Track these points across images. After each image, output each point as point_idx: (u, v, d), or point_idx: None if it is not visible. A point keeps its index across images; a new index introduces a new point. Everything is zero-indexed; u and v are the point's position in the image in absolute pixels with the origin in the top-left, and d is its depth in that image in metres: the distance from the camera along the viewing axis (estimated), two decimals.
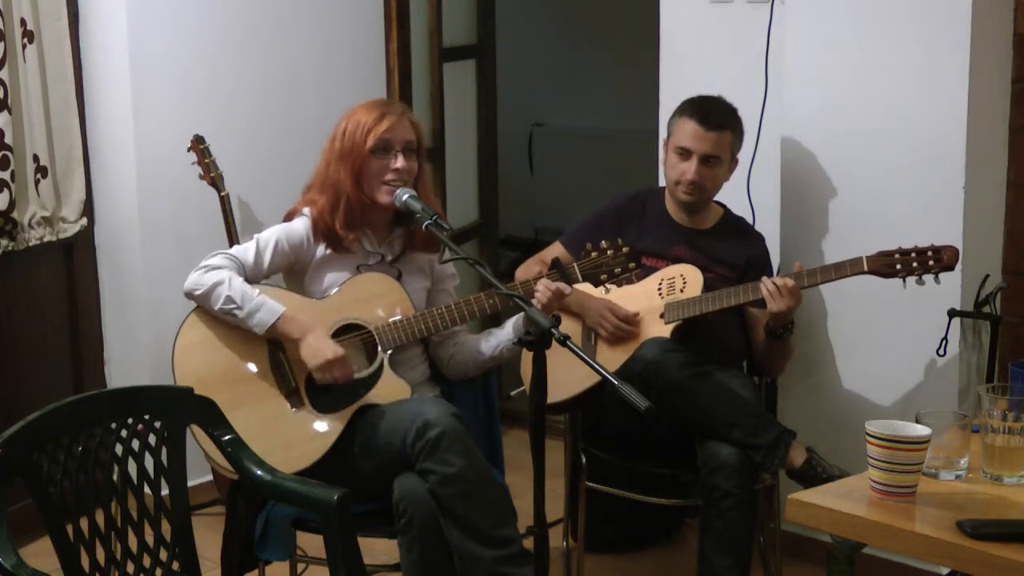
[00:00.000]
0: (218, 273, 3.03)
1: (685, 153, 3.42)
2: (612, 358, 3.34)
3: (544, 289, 3.06)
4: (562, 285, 3.07)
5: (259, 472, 2.70)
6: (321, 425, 3.01)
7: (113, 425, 2.54)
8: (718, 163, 3.43)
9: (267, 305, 3.01)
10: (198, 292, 3.03)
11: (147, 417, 2.60)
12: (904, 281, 3.19)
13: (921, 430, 2.28)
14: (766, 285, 3.22)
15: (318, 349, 2.99)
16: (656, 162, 3.67)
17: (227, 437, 2.71)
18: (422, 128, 3.20)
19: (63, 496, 2.42)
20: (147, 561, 2.57)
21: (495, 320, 3.56)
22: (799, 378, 3.73)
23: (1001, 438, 2.34)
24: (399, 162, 3.09)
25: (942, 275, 3.15)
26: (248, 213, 4.36)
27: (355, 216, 3.12)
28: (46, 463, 2.40)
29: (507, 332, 3.18)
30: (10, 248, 3.92)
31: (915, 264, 3.16)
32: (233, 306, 3.00)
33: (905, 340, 3.52)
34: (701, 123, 3.40)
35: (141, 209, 4.17)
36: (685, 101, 3.49)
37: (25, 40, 3.89)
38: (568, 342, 2.39)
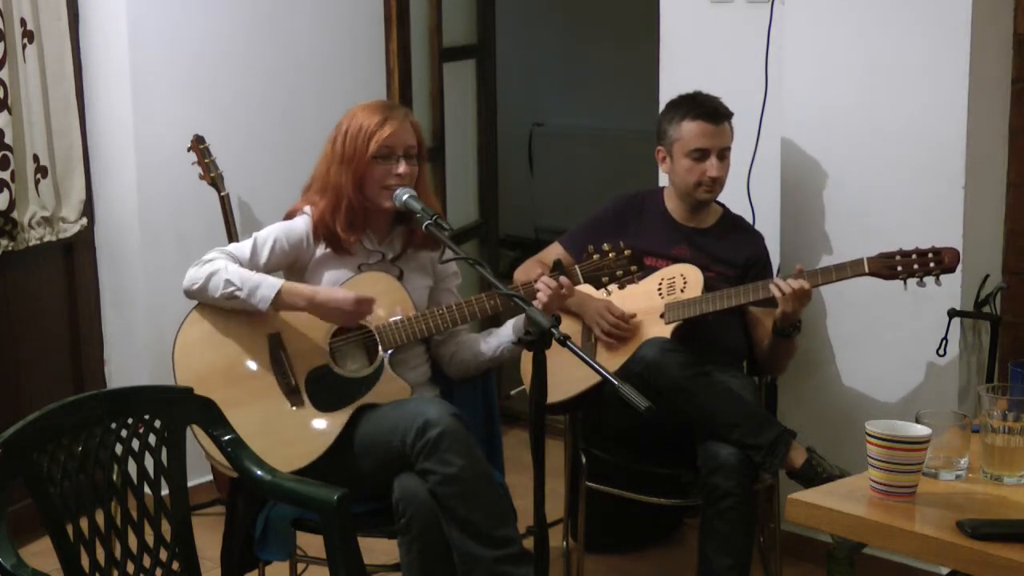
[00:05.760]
0: (213, 264, 3.03)
1: (702, 153, 3.42)
2: (612, 358, 3.34)
3: (545, 287, 3.05)
4: (564, 280, 3.05)
5: (259, 472, 2.70)
6: (321, 423, 3.01)
7: (113, 425, 2.54)
8: (729, 153, 3.46)
9: (267, 280, 3.00)
10: (196, 286, 3.02)
11: (147, 417, 2.59)
12: (905, 283, 3.19)
13: (921, 430, 2.28)
14: (779, 286, 3.21)
15: (336, 302, 2.99)
16: (656, 162, 3.66)
17: (227, 437, 2.71)
18: (422, 130, 3.20)
19: (63, 496, 2.42)
20: (147, 561, 2.57)
21: (495, 321, 3.55)
22: (799, 378, 3.72)
23: (1001, 438, 2.34)
24: (401, 167, 3.07)
25: (942, 276, 3.15)
26: (248, 213, 4.36)
27: (357, 218, 3.12)
28: (46, 463, 2.39)
29: (507, 332, 3.17)
30: (10, 248, 3.92)
31: (916, 266, 3.15)
32: (233, 288, 2.99)
33: (905, 340, 3.52)
34: (710, 120, 3.42)
35: (141, 209, 4.17)
36: (677, 103, 3.49)
37: (25, 40, 3.89)
38: (568, 342, 2.39)
